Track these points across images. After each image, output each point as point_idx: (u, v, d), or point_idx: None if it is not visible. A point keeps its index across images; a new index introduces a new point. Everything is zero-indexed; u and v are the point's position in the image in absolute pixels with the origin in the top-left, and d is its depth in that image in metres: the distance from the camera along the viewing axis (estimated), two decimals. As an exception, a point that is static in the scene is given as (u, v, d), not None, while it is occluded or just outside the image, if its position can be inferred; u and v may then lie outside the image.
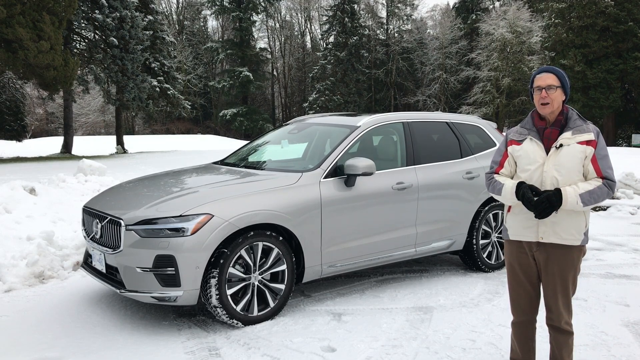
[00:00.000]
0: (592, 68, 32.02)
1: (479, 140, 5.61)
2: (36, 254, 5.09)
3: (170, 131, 49.66)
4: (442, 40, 45.91)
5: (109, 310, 4.30)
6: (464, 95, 43.21)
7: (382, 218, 4.66)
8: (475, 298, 4.63)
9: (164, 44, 27.61)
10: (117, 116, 28.50)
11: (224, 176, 4.75)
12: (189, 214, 3.77)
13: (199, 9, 56.89)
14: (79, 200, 7.05)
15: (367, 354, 3.50)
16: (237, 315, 3.91)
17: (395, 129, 5.13)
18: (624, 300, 4.54)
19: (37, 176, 11.27)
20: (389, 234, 4.72)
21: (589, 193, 2.72)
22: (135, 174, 10.44)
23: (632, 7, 31.26)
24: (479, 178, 5.26)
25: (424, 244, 5.00)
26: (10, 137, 29.33)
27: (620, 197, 9.66)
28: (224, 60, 53.49)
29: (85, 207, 4.52)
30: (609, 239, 6.95)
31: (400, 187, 4.75)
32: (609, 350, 3.56)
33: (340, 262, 4.46)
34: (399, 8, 49.68)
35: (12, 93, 28.77)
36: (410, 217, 4.84)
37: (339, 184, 4.41)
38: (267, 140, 5.69)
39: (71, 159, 19.32)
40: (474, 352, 3.54)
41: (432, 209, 4.99)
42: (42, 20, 15.27)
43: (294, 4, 57.03)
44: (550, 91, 2.81)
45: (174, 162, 16.00)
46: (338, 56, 46.09)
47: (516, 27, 38.46)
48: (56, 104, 38.48)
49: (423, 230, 4.94)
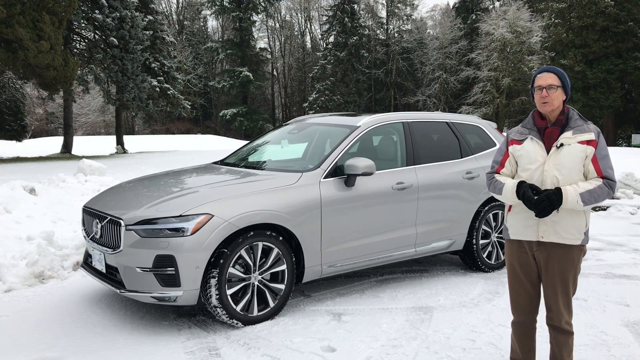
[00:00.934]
0: (592, 68, 32.02)
1: (479, 140, 5.61)
2: (36, 254, 5.09)
3: (170, 131, 49.66)
4: (442, 40, 45.91)
5: (109, 310, 4.30)
6: (464, 95, 43.21)
7: (382, 218, 4.66)
8: (475, 298, 4.63)
9: (164, 44, 27.62)
10: (117, 116, 28.51)
11: (224, 176, 4.75)
12: (189, 214, 3.77)
13: (199, 9, 56.89)
14: (79, 200, 7.05)
15: (367, 354, 3.50)
16: (237, 315, 3.91)
17: (395, 129, 5.13)
18: (624, 300, 4.54)
19: (37, 176, 11.27)
20: (389, 234, 4.72)
21: (589, 192, 2.72)
22: (135, 174, 10.44)
23: (632, 7, 31.27)
24: (479, 178, 5.26)
25: (424, 244, 5.00)
26: (10, 137, 29.33)
27: (620, 197, 9.67)
28: (224, 60, 53.51)
29: (85, 207, 4.52)
30: (609, 239, 6.95)
31: (400, 187, 4.75)
32: (609, 350, 3.56)
33: (340, 262, 4.46)
34: (399, 8, 49.68)
35: (12, 93, 28.75)
36: (410, 217, 4.84)
37: (339, 184, 4.41)
38: (267, 140, 5.69)
39: (71, 159, 19.32)
40: (474, 352, 3.54)
41: (432, 209, 4.99)
42: (42, 20, 15.27)
43: (294, 4, 57.05)
44: (551, 91, 2.81)
45: (174, 162, 16.00)
46: (338, 56, 46.09)
47: (516, 27, 38.47)
48: (56, 104, 38.49)
49: (423, 230, 4.94)
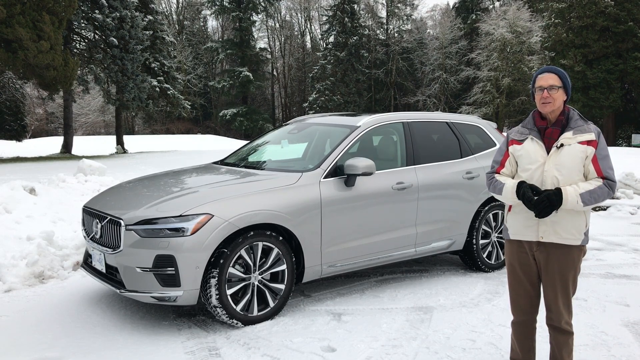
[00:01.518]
0: (592, 68, 32.02)
1: (479, 140, 5.61)
2: (36, 254, 5.09)
3: (170, 131, 49.65)
4: (442, 40, 45.91)
5: (109, 310, 4.30)
6: (464, 95, 43.22)
7: (382, 218, 4.66)
8: (475, 298, 4.63)
9: (164, 44, 27.62)
10: (117, 116, 28.51)
11: (224, 176, 4.75)
12: (189, 214, 3.77)
13: (199, 9, 56.88)
14: (79, 200, 7.05)
15: (367, 354, 3.50)
16: (237, 315, 3.91)
17: (395, 129, 5.13)
18: (624, 300, 4.54)
19: (37, 176, 11.27)
20: (389, 234, 4.72)
21: (589, 193, 2.72)
22: (135, 174, 10.44)
23: (632, 7, 31.26)
24: (479, 178, 5.26)
25: (423, 244, 5.00)
26: (10, 137, 29.33)
27: (620, 197, 9.67)
28: (223, 60, 53.49)
29: (85, 207, 4.52)
30: (609, 239, 6.95)
31: (400, 187, 4.75)
32: (609, 350, 3.56)
33: (340, 262, 4.46)
34: (399, 8, 49.67)
35: (12, 93, 28.75)
36: (410, 217, 4.84)
37: (339, 184, 4.41)
38: (267, 140, 5.69)
39: (71, 159, 19.32)
40: (474, 352, 3.54)
41: (432, 209, 4.99)
42: (42, 20, 15.26)
43: (294, 4, 57.03)
44: (552, 91, 2.81)
45: (174, 162, 16.00)
46: (338, 56, 46.08)
47: (516, 27, 38.48)
48: (56, 104, 38.49)
49: (423, 230, 4.94)
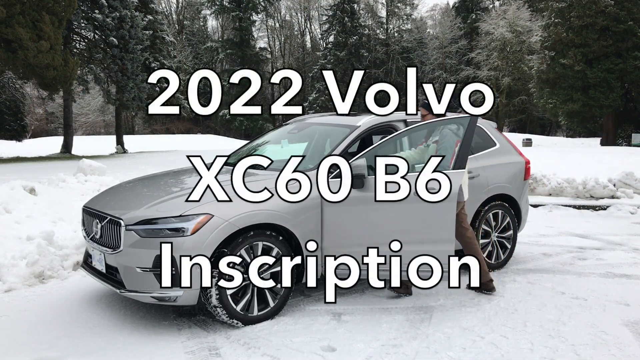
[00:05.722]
0: (592, 67, 32.00)
1: (479, 140, 5.61)
2: (36, 254, 5.09)
3: (170, 131, 49.69)
4: (441, 40, 45.94)
5: (109, 310, 4.30)
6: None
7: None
8: (475, 298, 4.62)
9: (164, 43, 27.65)
10: (117, 116, 28.53)
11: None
12: (189, 214, 3.77)
13: (199, 9, 56.90)
14: (79, 200, 7.05)
15: (367, 354, 3.50)
16: (237, 315, 3.90)
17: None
18: (624, 299, 4.54)
19: (37, 176, 11.27)
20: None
21: None
22: (135, 174, 10.44)
23: (632, 6, 31.23)
24: (479, 178, 5.25)
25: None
26: (10, 137, 29.36)
27: (620, 197, 9.67)
28: (223, 60, 53.51)
29: (85, 207, 4.51)
30: (609, 238, 6.95)
31: (400, 186, 4.73)
32: (609, 350, 3.56)
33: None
34: (398, 8, 49.70)
35: (12, 93, 28.77)
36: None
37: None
38: (267, 140, 5.69)
39: (71, 158, 19.32)
40: (474, 352, 3.54)
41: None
42: (42, 20, 15.27)
43: (293, 3, 57.05)
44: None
45: (174, 162, 16.00)
46: (338, 56, 46.10)
47: (516, 26, 38.50)
48: (56, 104, 38.53)
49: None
